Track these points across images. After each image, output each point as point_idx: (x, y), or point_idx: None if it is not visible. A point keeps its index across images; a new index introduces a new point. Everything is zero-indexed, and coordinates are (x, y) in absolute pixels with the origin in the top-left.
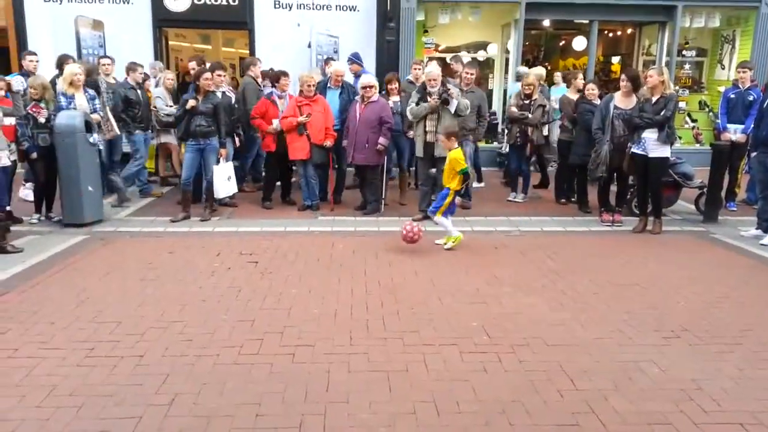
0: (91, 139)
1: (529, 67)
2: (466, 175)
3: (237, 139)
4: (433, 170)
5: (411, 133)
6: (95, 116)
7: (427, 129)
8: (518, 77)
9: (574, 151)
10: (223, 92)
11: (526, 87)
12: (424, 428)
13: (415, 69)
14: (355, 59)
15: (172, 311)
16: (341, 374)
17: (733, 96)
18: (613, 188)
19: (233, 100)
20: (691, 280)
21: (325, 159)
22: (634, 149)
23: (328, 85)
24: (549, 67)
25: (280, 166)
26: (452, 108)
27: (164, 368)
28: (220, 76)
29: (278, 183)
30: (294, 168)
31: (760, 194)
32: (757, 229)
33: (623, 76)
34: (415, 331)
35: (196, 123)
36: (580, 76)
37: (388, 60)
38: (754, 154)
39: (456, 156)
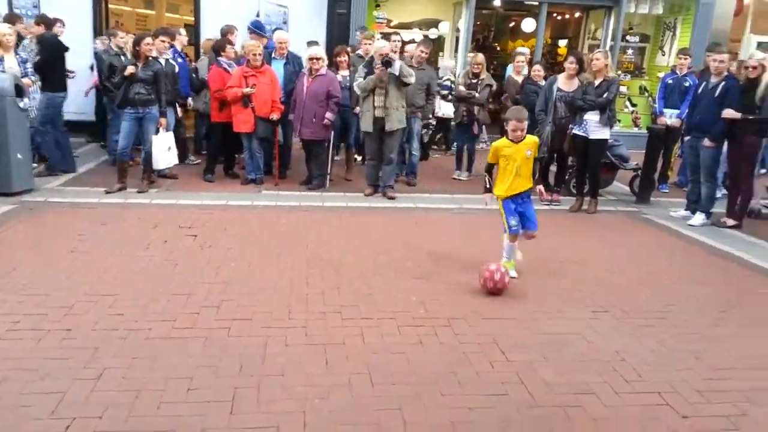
0: (21, 104)
1: (478, 48)
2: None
3: (180, 109)
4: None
5: (357, 109)
6: (26, 80)
7: (375, 104)
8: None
9: None
10: (167, 60)
11: (475, 66)
12: (358, 399)
13: (365, 44)
14: (255, 29)
15: (103, 284)
16: (278, 347)
17: (670, 82)
18: (553, 168)
19: (177, 69)
20: (622, 258)
21: (270, 133)
22: (575, 131)
23: (273, 55)
24: (498, 48)
25: (225, 138)
26: (396, 70)
27: (93, 342)
28: (163, 42)
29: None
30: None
31: (691, 177)
32: (686, 210)
33: (571, 58)
34: (354, 306)
35: (134, 91)
36: (521, 57)
37: (339, 33)
38: (687, 138)
39: (534, 139)
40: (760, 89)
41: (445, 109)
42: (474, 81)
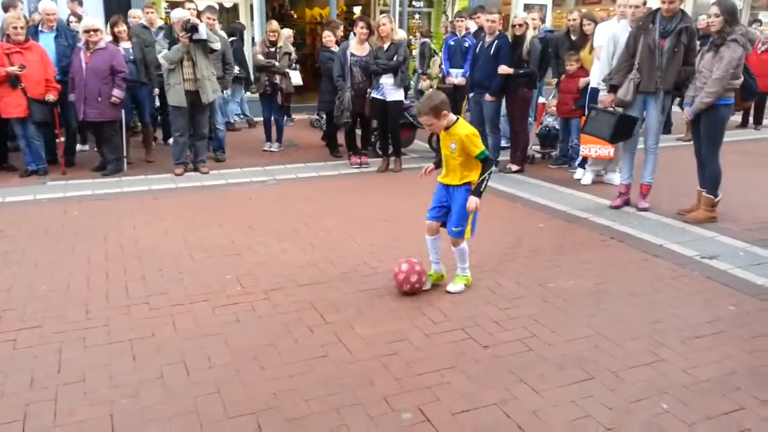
0: None
1: (275, 16)
2: (487, 162)
3: None
4: None
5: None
6: None
7: (185, 76)
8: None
9: (321, 99)
10: None
11: (271, 34)
12: (172, 390)
13: (148, 13)
14: None
15: None
16: (75, 352)
17: (452, 43)
18: (358, 132)
19: None
20: (424, 211)
21: (49, 116)
22: (374, 94)
23: (40, 28)
24: (296, 16)
25: None
26: (203, 34)
27: None
28: None
29: None
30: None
31: (478, 130)
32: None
33: (361, 23)
34: (162, 293)
35: None
36: (341, 27)
37: (118, 1)
38: (470, 95)
39: (467, 132)
40: (525, 45)
41: (293, 78)
42: (272, 49)
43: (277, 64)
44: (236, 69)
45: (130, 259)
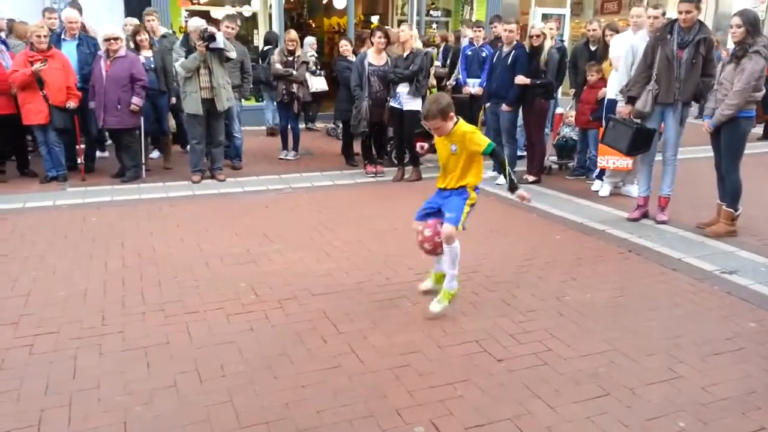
0: None
1: (294, 25)
2: (495, 154)
3: None
4: None
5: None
6: None
7: (201, 84)
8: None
9: (337, 107)
10: None
11: (289, 43)
12: (185, 398)
13: (149, 21)
14: None
15: None
16: (91, 358)
17: (469, 53)
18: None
19: None
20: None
21: (69, 122)
22: (392, 103)
23: (62, 36)
24: (314, 25)
25: (13, 133)
26: (220, 43)
27: None
28: None
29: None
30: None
31: (493, 141)
32: (493, 171)
33: (379, 33)
34: (178, 301)
35: None
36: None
37: (139, 8)
38: (487, 105)
39: (466, 130)
40: (543, 55)
41: (317, 84)
42: (290, 58)
43: (294, 72)
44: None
45: (147, 266)
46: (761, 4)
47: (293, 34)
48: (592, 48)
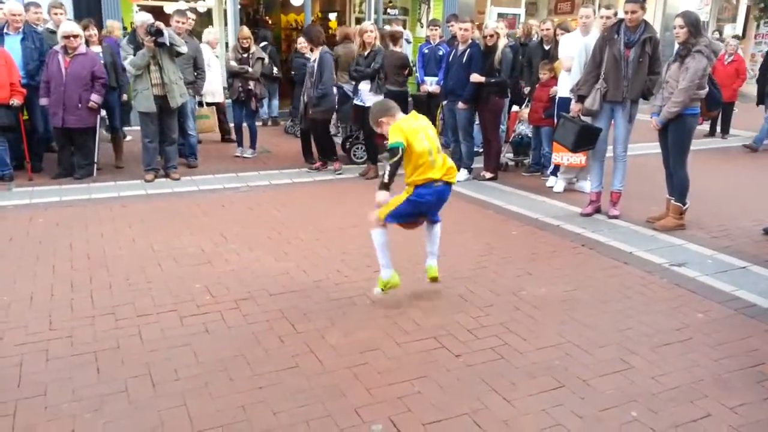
0: None
1: (250, 22)
2: (392, 151)
3: None
4: None
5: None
6: None
7: (153, 81)
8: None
9: (295, 105)
10: None
11: (243, 41)
12: (137, 404)
13: (57, 14)
14: None
15: None
16: (37, 365)
17: (426, 51)
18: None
19: None
20: None
21: (13, 120)
22: (355, 101)
23: (4, 30)
24: (271, 22)
25: None
26: (166, 38)
27: None
28: None
29: None
30: None
31: (452, 138)
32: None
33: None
34: (129, 304)
35: None
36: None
37: (89, 4)
38: (444, 102)
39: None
40: (497, 54)
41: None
42: (244, 55)
43: (250, 70)
44: (275, 70)
45: (97, 268)
46: (705, 6)
47: (246, 31)
48: (546, 47)
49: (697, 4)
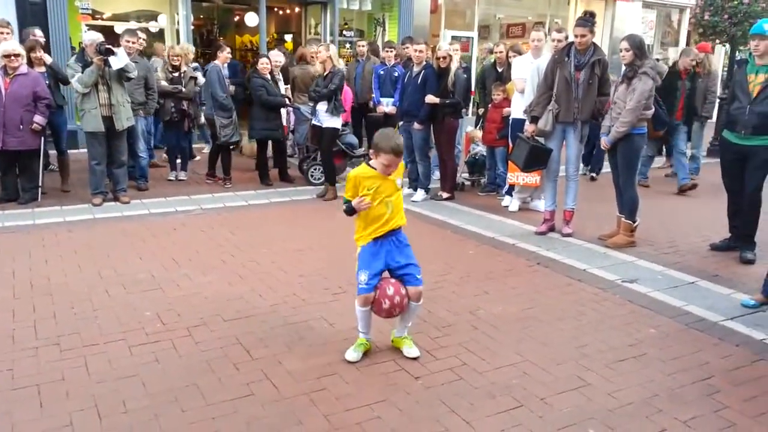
0: None
1: (204, 42)
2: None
3: None
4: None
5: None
6: None
7: (100, 101)
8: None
9: (252, 126)
10: None
11: (174, 59)
12: None
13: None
14: None
15: None
16: None
17: (382, 72)
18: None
19: None
20: (347, 238)
21: None
22: (314, 121)
23: None
24: (225, 43)
25: None
26: (120, 60)
27: None
28: None
29: None
30: None
31: (408, 158)
32: (408, 188)
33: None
34: (74, 333)
35: None
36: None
37: (34, 24)
38: (400, 123)
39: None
40: (450, 76)
41: None
42: (175, 74)
43: (183, 89)
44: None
45: (40, 296)
46: (650, 30)
47: (178, 49)
48: (499, 69)
49: (641, 29)
